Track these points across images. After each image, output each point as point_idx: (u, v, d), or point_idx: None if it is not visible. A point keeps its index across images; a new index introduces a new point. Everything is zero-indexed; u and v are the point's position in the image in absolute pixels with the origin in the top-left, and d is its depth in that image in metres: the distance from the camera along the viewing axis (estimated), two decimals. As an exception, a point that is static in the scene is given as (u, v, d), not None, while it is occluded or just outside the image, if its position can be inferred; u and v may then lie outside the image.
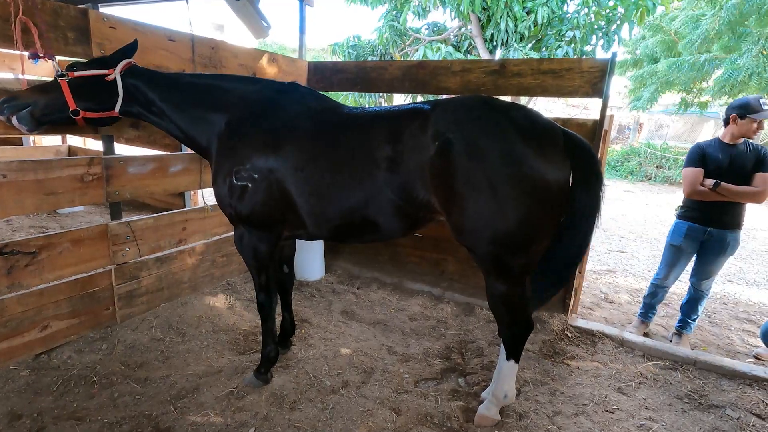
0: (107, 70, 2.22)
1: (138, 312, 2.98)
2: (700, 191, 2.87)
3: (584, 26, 6.75)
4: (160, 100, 2.28)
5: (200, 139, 2.31)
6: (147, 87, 2.28)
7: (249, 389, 2.36)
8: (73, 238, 2.59)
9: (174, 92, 2.29)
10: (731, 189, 2.77)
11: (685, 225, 3.05)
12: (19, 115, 2.06)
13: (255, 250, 2.26)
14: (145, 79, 2.29)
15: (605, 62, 2.88)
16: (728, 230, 2.90)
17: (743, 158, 2.83)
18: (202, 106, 2.27)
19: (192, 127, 2.30)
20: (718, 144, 2.95)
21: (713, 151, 2.92)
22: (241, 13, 3.97)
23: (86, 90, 2.20)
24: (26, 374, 2.38)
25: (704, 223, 2.95)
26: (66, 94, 2.16)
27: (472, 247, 1.95)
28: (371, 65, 3.92)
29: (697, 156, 2.93)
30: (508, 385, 2.16)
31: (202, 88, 2.30)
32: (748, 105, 2.79)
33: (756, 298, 4.32)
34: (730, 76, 8.60)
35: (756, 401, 2.49)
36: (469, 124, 1.84)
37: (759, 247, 5.91)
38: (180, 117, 2.30)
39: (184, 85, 2.30)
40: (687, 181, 2.94)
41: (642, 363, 2.84)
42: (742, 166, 2.81)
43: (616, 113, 12.00)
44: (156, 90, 2.28)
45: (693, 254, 3.08)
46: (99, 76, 2.21)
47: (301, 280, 3.79)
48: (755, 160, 2.81)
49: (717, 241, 2.92)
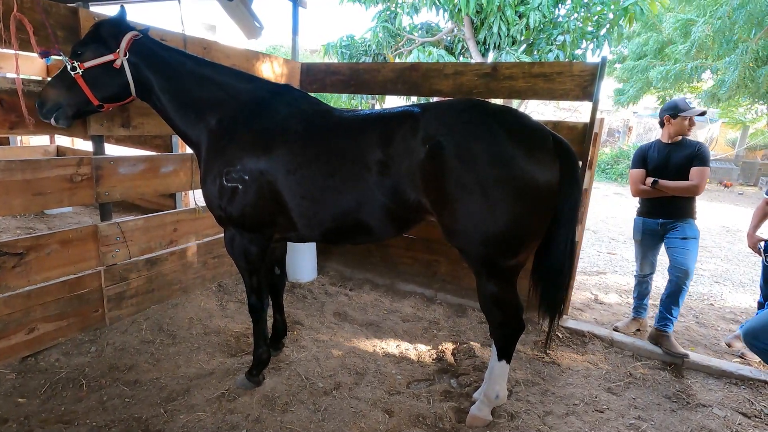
0: (112, 55, 2.14)
1: (128, 314, 2.95)
2: (643, 190, 3.14)
3: (575, 31, 6.83)
4: (159, 89, 2.22)
5: (191, 134, 2.28)
6: (149, 71, 2.20)
7: (241, 391, 2.34)
8: (61, 239, 2.56)
9: (173, 81, 2.22)
10: (668, 185, 3.01)
11: (641, 220, 3.28)
12: (55, 117, 2.17)
13: (246, 252, 2.25)
14: (149, 61, 2.20)
15: (595, 66, 2.92)
16: (678, 221, 3.07)
17: (680, 155, 3.05)
18: (196, 101, 2.22)
19: (184, 120, 2.26)
20: (657, 145, 3.18)
21: (653, 152, 3.17)
22: (233, 14, 3.96)
23: (101, 81, 2.16)
24: (13, 377, 2.34)
25: (655, 217, 3.17)
26: (85, 89, 2.14)
27: (463, 248, 1.96)
28: (364, 67, 3.93)
29: (639, 158, 3.21)
30: (500, 386, 2.17)
31: (200, 79, 2.24)
32: (676, 106, 3.07)
33: (742, 299, 4.39)
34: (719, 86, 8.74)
35: (742, 400, 2.53)
36: (459, 127, 1.86)
37: (745, 249, 6.01)
38: (174, 108, 2.24)
39: (185, 74, 2.23)
40: (631, 181, 3.24)
41: (631, 363, 2.87)
42: (679, 163, 3.03)
43: (606, 116, 12.16)
44: (156, 75, 2.20)
45: (655, 245, 3.25)
46: (107, 64, 2.14)
47: (294, 282, 3.77)
48: (691, 156, 3.01)
49: (671, 230, 3.10)
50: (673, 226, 3.08)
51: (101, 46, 2.15)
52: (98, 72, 2.15)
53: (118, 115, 2.72)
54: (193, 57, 2.31)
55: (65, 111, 2.17)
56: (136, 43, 2.18)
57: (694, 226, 3.06)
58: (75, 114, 2.22)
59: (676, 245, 3.04)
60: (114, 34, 2.15)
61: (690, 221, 3.07)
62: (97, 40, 2.15)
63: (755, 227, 3.08)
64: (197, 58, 2.32)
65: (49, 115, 2.17)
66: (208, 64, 2.31)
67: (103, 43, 2.15)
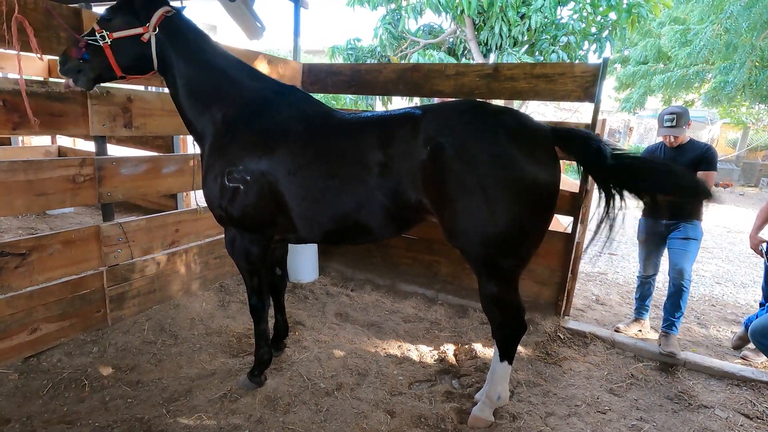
0: (142, 28, 2.09)
1: (130, 314, 2.95)
2: None
3: (578, 32, 6.84)
4: (177, 71, 2.19)
5: (196, 124, 2.26)
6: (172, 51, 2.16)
7: (242, 392, 2.34)
8: (64, 240, 2.56)
9: (191, 66, 2.18)
10: None
11: (644, 221, 3.26)
12: (75, 78, 2.13)
13: (247, 252, 2.25)
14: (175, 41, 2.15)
15: (597, 67, 2.92)
16: (681, 222, 3.05)
17: (686, 158, 3.01)
18: (207, 92, 2.20)
19: (192, 109, 2.23)
20: (663, 147, 3.16)
21: (659, 154, 3.15)
22: (235, 14, 3.96)
23: (127, 52, 2.12)
24: (15, 378, 2.34)
25: (658, 218, 3.14)
26: (110, 59, 2.10)
27: (464, 248, 1.96)
28: (366, 68, 3.94)
29: None
30: (502, 387, 2.17)
31: (214, 70, 2.21)
32: (659, 119, 3.07)
33: (744, 300, 4.39)
34: (721, 87, 8.69)
35: (744, 401, 2.53)
36: (460, 128, 1.86)
37: (746, 250, 6.01)
38: (185, 93, 2.22)
39: (203, 63, 2.19)
40: None
41: (633, 364, 2.87)
42: (686, 166, 2.96)
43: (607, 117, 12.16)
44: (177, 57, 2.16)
45: (658, 246, 3.23)
46: (135, 36, 2.11)
47: (295, 282, 3.78)
48: (697, 160, 2.98)
49: (674, 231, 3.08)
50: (677, 226, 3.07)
51: (132, 17, 2.11)
52: (125, 43, 2.11)
53: (120, 115, 2.73)
54: (213, 45, 2.26)
55: (86, 73, 2.12)
56: (166, 20, 2.14)
57: (698, 228, 3.04)
58: (96, 78, 2.17)
59: (675, 246, 3.04)
60: (146, 7, 2.11)
61: (695, 222, 3.04)
62: (129, 11, 2.11)
63: (758, 228, 3.07)
64: (217, 47, 2.27)
65: (69, 73, 2.12)
66: (226, 56, 2.26)
67: (135, 14, 2.11)
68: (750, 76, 8.23)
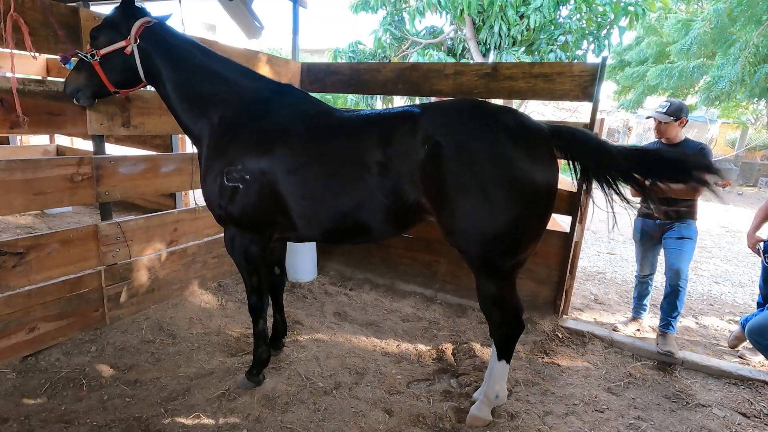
0: (124, 41, 2.15)
1: (128, 313, 2.95)
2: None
3: (576, 31, 6.84)
4: (166, 78, 2.21)
5: (193, 128, 2.27)
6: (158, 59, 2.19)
7: (241, 391, 2.34)
8: (62, 239, 2.56)
9: (180, 72, 2.20)
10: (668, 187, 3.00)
11: (640, 221, 3.27)
12: (77, 97, 2.30)
13: (246, 251, 2.25)
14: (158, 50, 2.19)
15: (595, 66, 2.92)
16: (675, 221, 3.05)
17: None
18: (201, 95, 2.21)
19: (187, 113, 2.25)
20: (658, 145, 3.15)
21: None
22: (234, 13, 3.96)
23: (115, 67, 2.19)
24: (13, 377, 2.34)
25: (653, 217, 3.15)
26: (101, 76, 2.19)
27: (463, 248, 1.96)
28: (365, 67, 3.93)
29: None
30: (500, 386, 2.17)
31: (207, 73, 2.22)
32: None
33: (742, 299, 4.40)
34: (715, 83, 8.71)
35: (741, 400, 2.54)
36: (459, 127, 1.86)
37: (744, 249, 6.02)
38: (178, 99, 2.23)
39: (193, 67, 2.21)
40: None
41: (631, 363, 2.88)
42: None
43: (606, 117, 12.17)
44: (164, 64, 2.19)
45: (655, 246, 3.24)
46: (120, 50, 2.16)
47: (294, 282, 3.78)
48: None
49: (669, 230, 3.09)
50: (670, 227, 3.08)
51: (115, 32, 2.17)
52: (112, 57, 2.17)
53: (118, 114, 2.72)
54: (204, 49, 2.28)
55: (84, 93, 2.27)
56: (146, 30, 2.18)
57: (693, 227, 3.06)
58: (93, 95, 2.30)
59: (670, 246, 3.05)
60: (126, 20, 2.16)
61: (689, 222, 3.06)
62: (112, 26, 2.18)
63: (756, 228, 3.08)
64: (208, 50, 2.29)
65: (72, 95, 2.29)
66: (218, 58, 2.28)
67: (117, 29, 2.17)
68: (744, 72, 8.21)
